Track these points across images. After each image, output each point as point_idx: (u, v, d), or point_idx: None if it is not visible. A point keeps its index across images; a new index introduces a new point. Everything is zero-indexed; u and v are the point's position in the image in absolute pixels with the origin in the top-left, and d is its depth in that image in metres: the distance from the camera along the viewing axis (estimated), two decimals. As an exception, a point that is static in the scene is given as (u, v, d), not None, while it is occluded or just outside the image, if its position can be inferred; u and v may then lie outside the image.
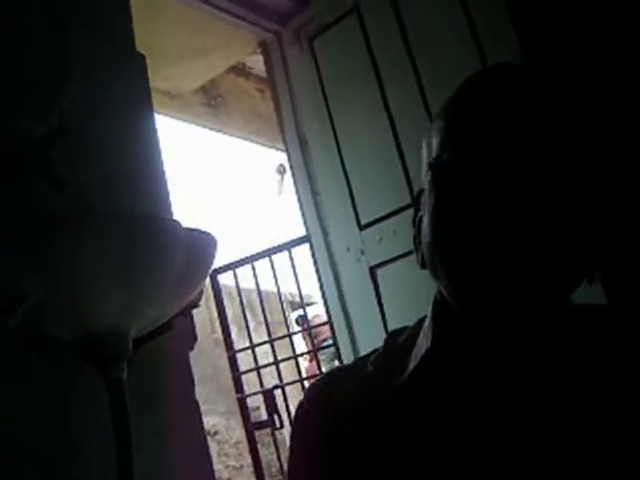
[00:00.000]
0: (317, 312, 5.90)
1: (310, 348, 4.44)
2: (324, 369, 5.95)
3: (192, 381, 1.82)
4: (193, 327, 1.85)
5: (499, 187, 0.84)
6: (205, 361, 5.48)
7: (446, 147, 0.92)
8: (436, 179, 0.92)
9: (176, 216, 1.88)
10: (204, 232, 1.44)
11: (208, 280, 4.22)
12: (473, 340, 0.93)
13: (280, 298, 4.26)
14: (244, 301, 4.35)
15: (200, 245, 1.42)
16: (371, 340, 2.76)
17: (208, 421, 5.61)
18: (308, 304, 6.23)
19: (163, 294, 1.36)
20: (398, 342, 1.04)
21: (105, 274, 1.25)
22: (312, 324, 4.74)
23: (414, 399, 0.94)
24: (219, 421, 5.82)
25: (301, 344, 5.10)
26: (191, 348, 1.87)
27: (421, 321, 1.03)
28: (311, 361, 4.39)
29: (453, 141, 0.91)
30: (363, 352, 1.11)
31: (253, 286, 4.30)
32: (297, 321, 6.67)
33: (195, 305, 1.70)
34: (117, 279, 1.26)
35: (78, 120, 1.66)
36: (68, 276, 1.22)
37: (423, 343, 0.97)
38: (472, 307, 0.90)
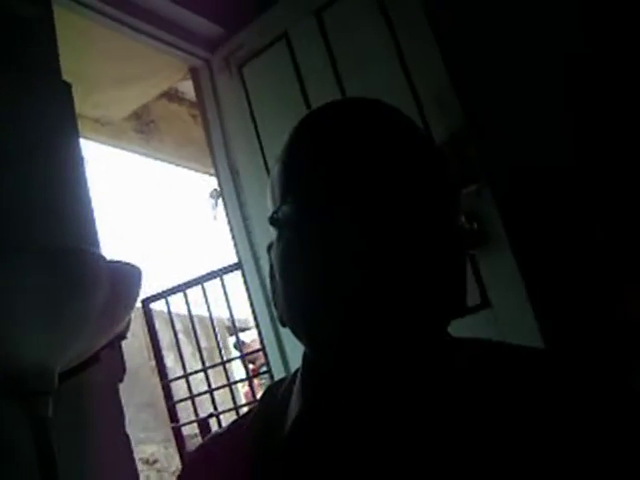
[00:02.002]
0: (256, 336, 5.88)
1: (247, 374, 4.40)
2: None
3: (122, 413, 1.80)
4: (122, 359, 1.84)
5: (341, 232, 0.80)
6: (142, 389, 5.41)
7: (285, 197, 0.87)
8: (279, 234, 0.88)
9: (106, 245, 1.87)
10: (129, 264, 1.43)
11: (141, 308, 4.19)
12: (343, 396, 0.87)
13: (213, 324, 4.23)
14: (180, 327, 4.32)
15: (125, 278, 1.41)
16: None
17: (147, 449, 5.53)
18: (245, 329, 6.21)
19: (88, 327, 1.34)
20: (277, 396, 0.97)
21: (26, 309, 1.24)
22: (250, 348, 4.72)
23: (293, 460, 0.87)
24: (157, 449, 5.74)
25: (241, 368, 5.07)
26: (120, 380, 1.86)
27: (297, 373, 0.96)
28: (250, 387, 4.36)
29: (290, 189, 0.86)
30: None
31: (191, 311, 4.27)
32: (235, 346, 6.64)
33: (122, 337, 1.69)
34: (39, 314, 1.25)
35: (0, 150, 1.65)
36: (-13, 313, 1.21)
37: (296, 403, 0.91)
38: (334, 363, 0.85)
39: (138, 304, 3.60)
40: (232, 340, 6.37)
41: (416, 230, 0.81)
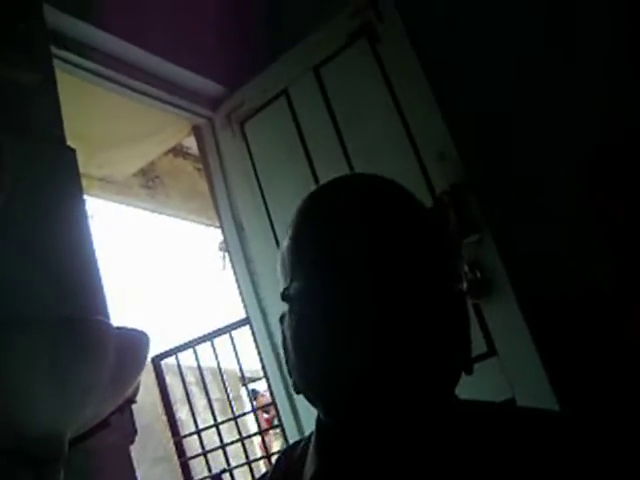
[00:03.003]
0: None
1: (258, 427, 4.39)
2: (278, 445, 5.90)
3: (133, 475, 1.81)
4: (132, 421, 1.85)
5: (347, 307, 0.85)
6: (156, 443, 5.40)
7: (294, 273, 0.93)
8: (290, 308, 0.93)
9: (115, 305, 1.89)
10: (136, 330, 1.46)
11: (151, 365, 4.20)
12: (355, 459, 0.91)
13: (223, 379, 4.23)
14: (193, 380, 4.32)
15: (132, 344, 1.44)
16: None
17: (162, 504, 5.51)
18: (258, 378, 6.19)
19: (97, 394, 1.36)
20: (294, 457, 1.02)
21: (36, 378, 1.25)
22: (264, 398, 4.71)
23: None
24: (173, 504, 5.71)
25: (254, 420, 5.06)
26: (132, 442, 1.87)
27: (311, 436, 1.01)
28: (262, 441, 4.36)
29: (299, 265, 0.92)
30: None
31: (203, 364, 4.28)
32: (249, 397, 6.61)
33: (132, 401, 1.71)
34: (48, 382, 1.27)
35: (7, 218, 1.67)
36: (-2, 383, 1.23)
37: (311, 465, 0.95)
38: (345, 429, 0.89)
39: (148, 361, 3.62)
40: (246, 389, 6.36)
41: (418, 301, 0.86)
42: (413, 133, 2.81)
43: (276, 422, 5.22)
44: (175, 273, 7.67)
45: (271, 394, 3.27)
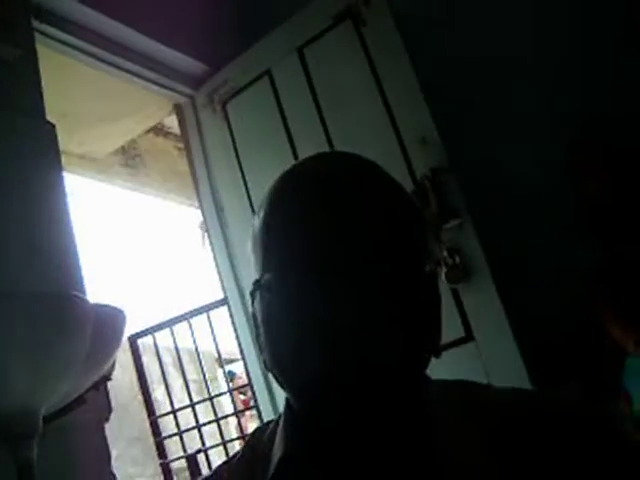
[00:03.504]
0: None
1: (234, 408, 4.39)
2: (253, 426, 5.90)
3: (108, 453, 1.81)
4: (108, 399, 1.85)
5: (320, 294, 0.84)
6: (131, 423, 5.39)
7: (266, 263, 0.91)
8: (261, 293, 0.92)
9: (92, 283, 1.88)
10: (113, 307, 1.45)
11: (127, 344, 4.18)
12: (325, 442, 0.90)
13: (199, 358, 4.22)
14: (170, 360, 4.31)
15: (109, 321, 1.43)
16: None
17: (137, 484, 5.51)
18: (236, 360, 6.19)
19: (73, 370, 1.35)
20: (263, 438, 1.01)
21: (10, 352, 1.25)
22: (241, 379, 4.72)
23: None
24: (147, 484, 5.72)
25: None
26: (107, 419, 1.86)
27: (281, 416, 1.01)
28: (238, 422, 4.36)
29: (271, 258, 0.91)
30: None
31: (180, 344, 4.26)
32: (225, 378, 6.61)
33: (107, 378, 1.70)
34: (23, 357, 1.26)
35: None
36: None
37: (279, 446, 0.94)
38: (314, 412, 0.89)
39: (125, 340, 3.60)
40: (223, 371, 6.36)
41: (392, 286, 0.85)
42: (395, 117, 2.80)
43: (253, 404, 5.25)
44: (154, 252, 7.64)
45: (247, 374, 3.27)
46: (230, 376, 4.53)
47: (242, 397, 6.26)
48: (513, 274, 2.58)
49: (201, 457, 3.95)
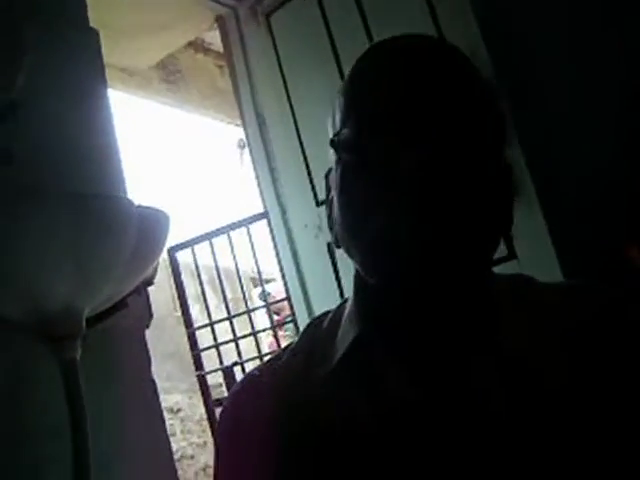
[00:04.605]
0: (281, 288, 5.89)
1: (271, 323, 4.43)
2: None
3: (148, 359, 1.82)
4: (149, 305, 1.85)
5: (399, 158, 0.82)
6: (167, 339, 5.48)
7: (346, 122, 0.90)
8: (338, 157, 0.91)
9: (131, 194, 1.87)
10: (157, 210, 1.44)
11: (167, 258, 4.21)
12: (398, 319, 0.90)
13: (238, 274, 4.24)
14: (206, 278, 4.33)
15: (153, 223, 1.42)
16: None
17: (171, 398, 5.61)
18: (270, 280, 6.23)
19: (116, 272, 1.35)
20: (321, 329, 1.00)
21: (56, 253, 1.24)
22: (274, 300, 4.74)
23: (346, 384, 0.90)
24: (182, 398, 5.82)
25: (265, 320, 5.09)
26: (147, 326, 1.87)
27: (341, 306, 1.01)
28: (274, 336, 4.39)
29: (352, 114, 0.90)
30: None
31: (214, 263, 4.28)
32: (260, 297, 6.65)
33: (149, 283, 1.70)
34: (68, 258, 1.25)
35: (30, 95, 1.64)
36: (17, 255, 1.21)
37: (349, 328, 0.93)
38: (387, 284, 0.87)
39: (164, 254, 3.62)
40: (257, 292, 6.40)
41: (471, 162, 0.84)
42: (444, 32, 2.73)
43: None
44: (192, 167, 7.65)
45: (286, 290, 3.28)
46: (265, 295, 4.54)
47: (276, 317, 6.30)
48: (562, 197, 2.53)
49: (237, 370, 4.01)
